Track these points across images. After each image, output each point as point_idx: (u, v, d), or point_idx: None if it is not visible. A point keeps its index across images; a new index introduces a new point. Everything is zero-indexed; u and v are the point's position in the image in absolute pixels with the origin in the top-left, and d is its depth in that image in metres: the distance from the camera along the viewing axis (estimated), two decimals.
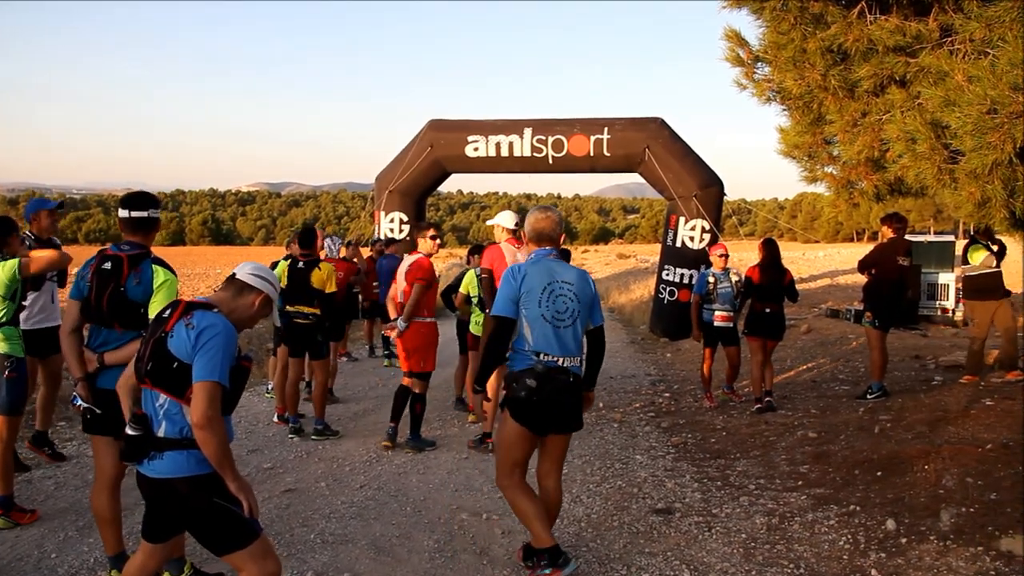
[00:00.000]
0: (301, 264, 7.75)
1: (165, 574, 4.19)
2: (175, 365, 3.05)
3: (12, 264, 5.15)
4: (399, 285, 7.24)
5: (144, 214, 4.22)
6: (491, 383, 7.23)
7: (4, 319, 5.18)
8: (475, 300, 8.27)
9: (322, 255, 8.39)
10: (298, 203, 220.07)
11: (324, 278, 7.69)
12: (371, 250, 12.33)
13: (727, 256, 9.02)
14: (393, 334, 7.23)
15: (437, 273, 7.69)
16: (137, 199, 4.26)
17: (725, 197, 15.15)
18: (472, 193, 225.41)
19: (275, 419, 8.27)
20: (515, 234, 7.10)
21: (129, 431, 3.11)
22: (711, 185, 14.65)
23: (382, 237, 14.26)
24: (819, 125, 6.08)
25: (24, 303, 5.61)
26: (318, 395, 7.82)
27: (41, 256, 5.33)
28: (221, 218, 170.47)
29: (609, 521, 5.39)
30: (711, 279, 8.83)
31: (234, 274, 3.33)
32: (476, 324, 8.18)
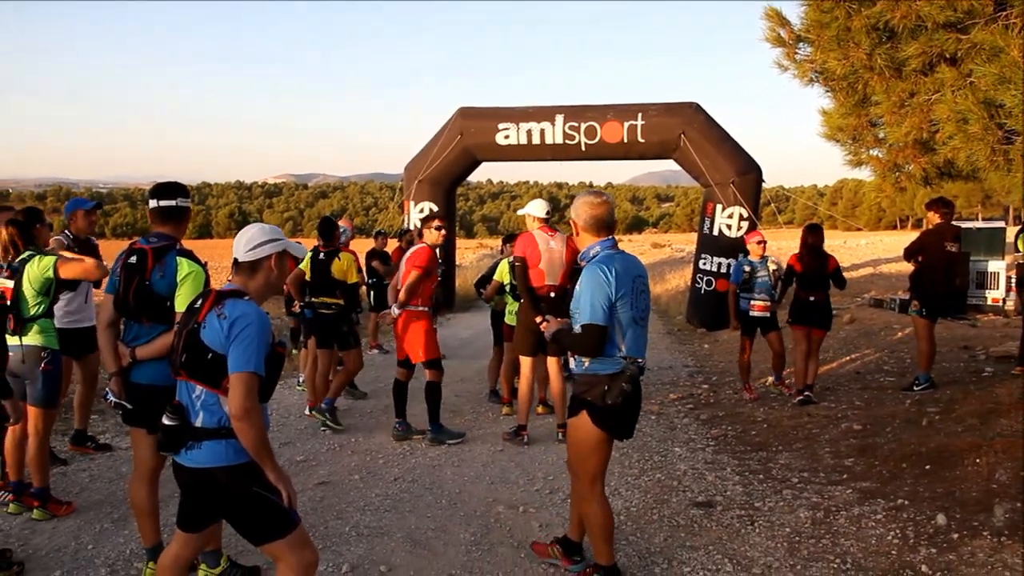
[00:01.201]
0: (322, 255, 7.90)
1: (202, 566, 4.26)
2: (209, 356, 3.06)
3: (48, 263, 5.23)
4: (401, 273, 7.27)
5: (172, 203, 4.23)
6: (524, 382, 7.25)
7: (39, 312, 5.27)
8: (508, 289, 8.28)
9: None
10: (325, 194, 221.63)
11: (344, 268, 7.82)
12: (400, 241, 12.35)
13: (764, 243, 8.92)
14: (388, 320, 7.29)
15: (467, 264, 7.71)
16: (165, 188, 4.26)
17: (763, 184, 15.01)
18: (502, 182, 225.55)
19: (307, 412, 8.33)
20: (547, 222, 7.10)
21: (166, 421, 3.14)
22: (749, 171, 14.51)
23: (412, 227, 14.30)
24: (864, 106, 5.99)
25: (59, 296, 5.70)
26: (341, 380, 7.93)
27: (74, 265, 5.37)
28: (248, 210, 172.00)
29: (649, 514, 5.38)
30: (747, 268, 8.75)
31: (236, 259, 3.30)
32: (511, 314, 8.19)
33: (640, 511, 5.45)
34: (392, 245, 12.70)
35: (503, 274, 8.45)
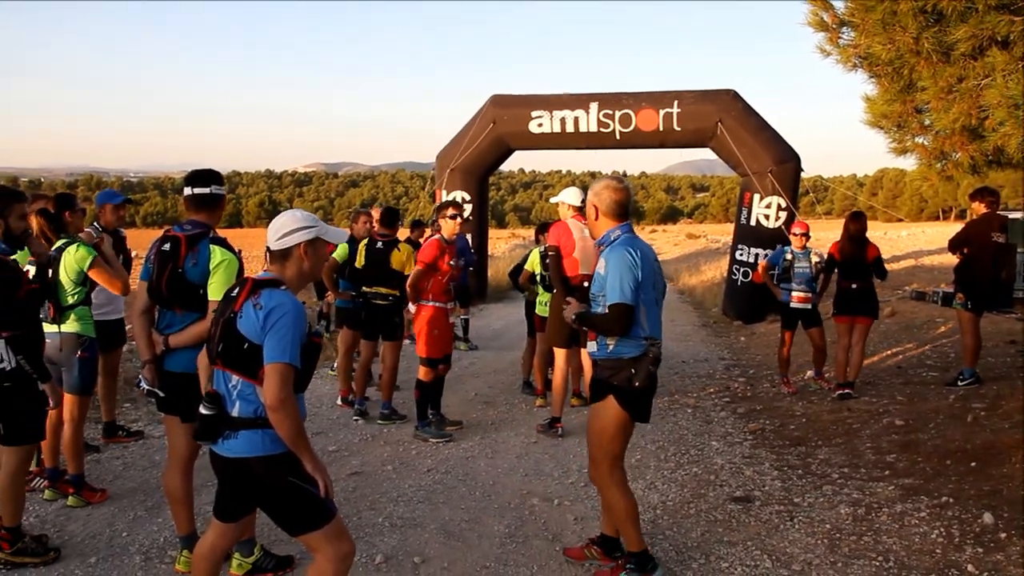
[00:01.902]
0: (380, 244, 7.66)
1: (235, 555, 4.29)
2: (245, 346, 3.06)
3: (83, 256, 5.31)
4: None
5: (206, 191, 4.24)
6: (558, 374, 7.23)
7: (77, 300, 5.35)
8: (539, 279, 8.25)
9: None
10: (356, 183, 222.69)
11: (404, 259, 7.60)
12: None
13: (808, 235, 8.81)
14: (408, 316, 7.25)
15: (499, 254, 7.65)
16: (199, 176, 4.28)
17: (802, 173, 14.84)
18: (534, 172, 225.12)
19: (338, 401, 8.38)
20: (581, 211, 7.07)
21: (203, 410, 3.15)
22: (787, 160, 14.35)
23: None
24: (910, 92, 5.88)
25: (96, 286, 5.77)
26: (387, 379, 7.78)
27: (105, 274, 5.43)
28: (278, 199, 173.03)
29: (686, 509, 5.36)
30: (788, 256, 8.66)
31: (268, 247, 3.29)
32: (542, 305, 8.17)
33: (677, 505, 5.43)
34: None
35: (534, 264, 8.42)
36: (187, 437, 4.23)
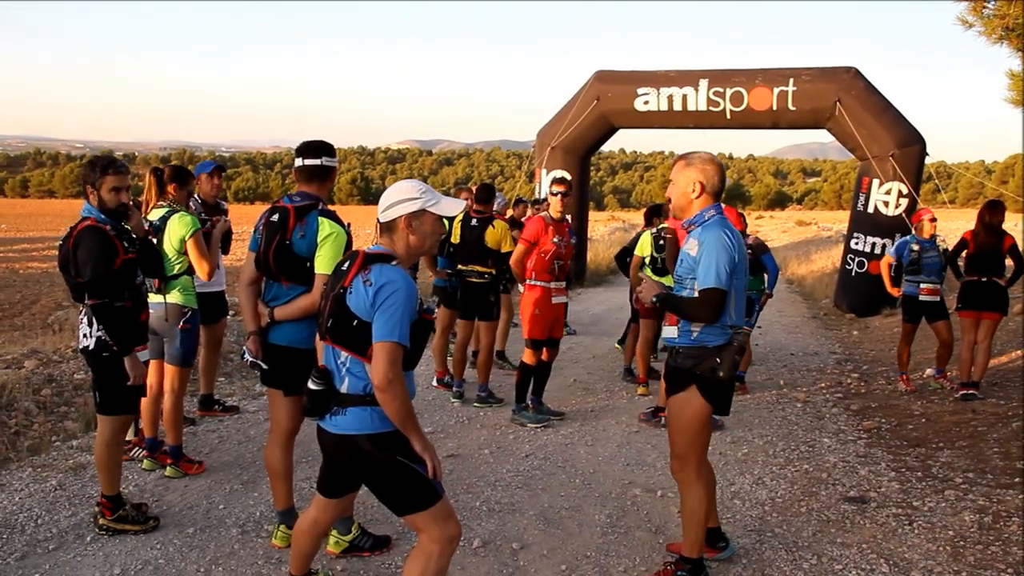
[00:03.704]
0: (475, 221, 7.69)
1: (333, 532, 4.40)
2: (355, 323, 3.07)
3: (188, 225, 5.52)
4: None
5: (317, 162, 4.29)
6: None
7: (180, 271, 5.55)
8: (648, 262, 8.10)
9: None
10: (450, 161, 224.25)
11: (499, 237, 7.62)
12: (513, 210, 12.22)
13: (936, 221, 8.49)
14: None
15: (597, 237, 7.60)
16: (310, 147, 4.33)
17: (926, 158, 14.32)
18: (635, 152, 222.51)
19: (434, 382, 8.47)
20: None
21: (312, 386, 3.19)
22: (911, 144, 13.88)
23: (543, 196, 14.28)
24: None
25: None
26: (483, 360, 7.80)
27: (199, 249, 5.61)
28: (370, 176, 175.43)
29: (796, 507, 5.28)
30: (915, 247, 8.36)
31: (378, 219, 3.27)
32: None
33: (787, 503, 5.35)
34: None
35: (644, 247, 8.32)
36: (289, 411, 4.33)
